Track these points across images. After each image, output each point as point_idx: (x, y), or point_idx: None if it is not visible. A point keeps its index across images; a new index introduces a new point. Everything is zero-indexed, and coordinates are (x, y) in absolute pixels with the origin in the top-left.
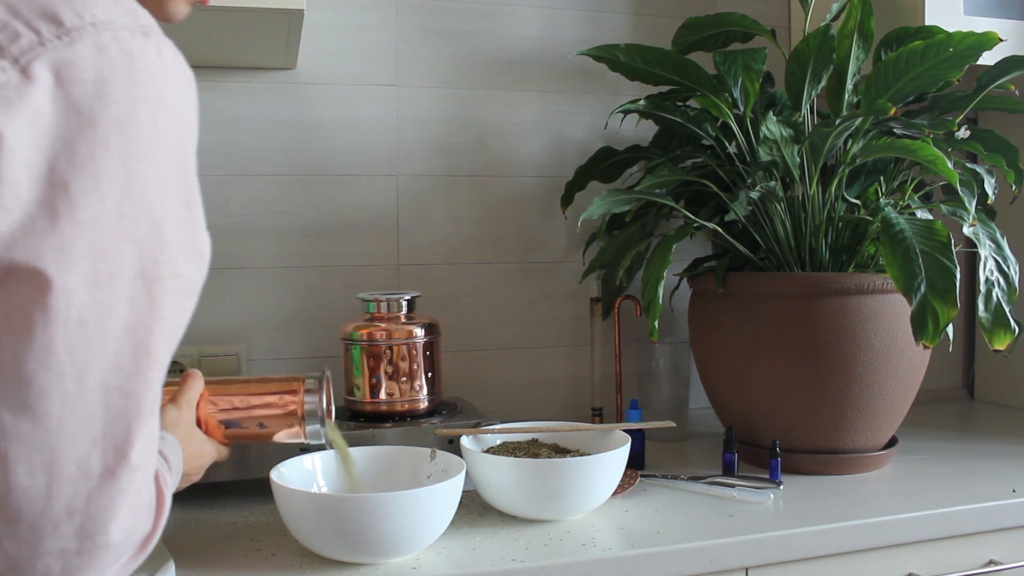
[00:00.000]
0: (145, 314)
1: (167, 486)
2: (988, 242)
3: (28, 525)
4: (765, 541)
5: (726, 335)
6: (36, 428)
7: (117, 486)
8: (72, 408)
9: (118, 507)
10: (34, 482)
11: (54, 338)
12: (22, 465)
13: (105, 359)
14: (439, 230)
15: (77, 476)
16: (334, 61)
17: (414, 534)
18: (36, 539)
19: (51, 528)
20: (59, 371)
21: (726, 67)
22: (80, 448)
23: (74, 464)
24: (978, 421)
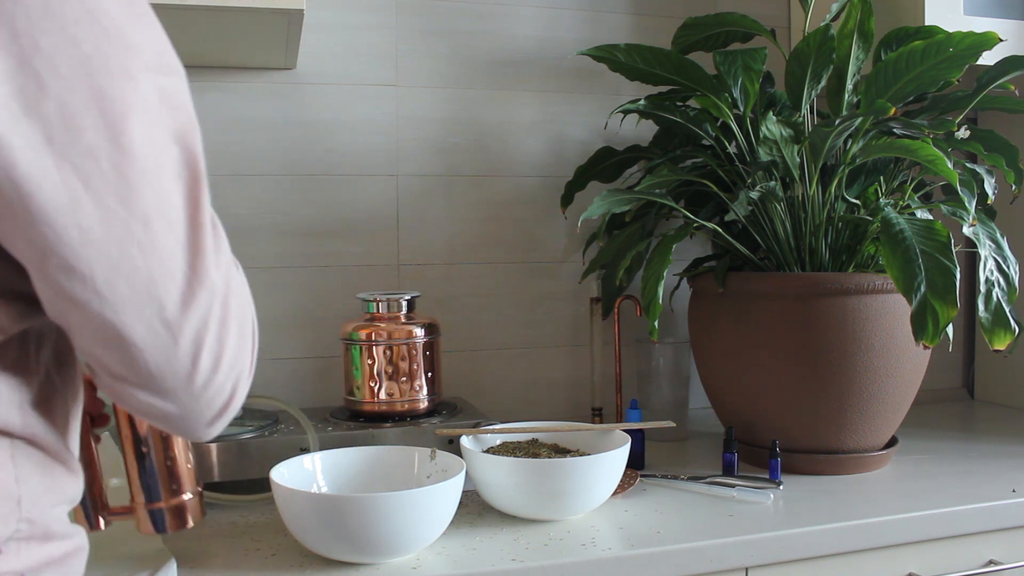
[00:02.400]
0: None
1: None
2: (988, 242)
3: (172, 373)
4: (765, 541)
5: (726, 335)
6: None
7: (212, 302)
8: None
9: (222, 317)
10: (150, 334)
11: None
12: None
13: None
14: (439, 230)
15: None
16: (334, 61)
17: (414, 534)
18: (185, 381)
19: (190, 366)
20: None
21: (726, 67)
22: (171, 286)
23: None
24: (978, 421)
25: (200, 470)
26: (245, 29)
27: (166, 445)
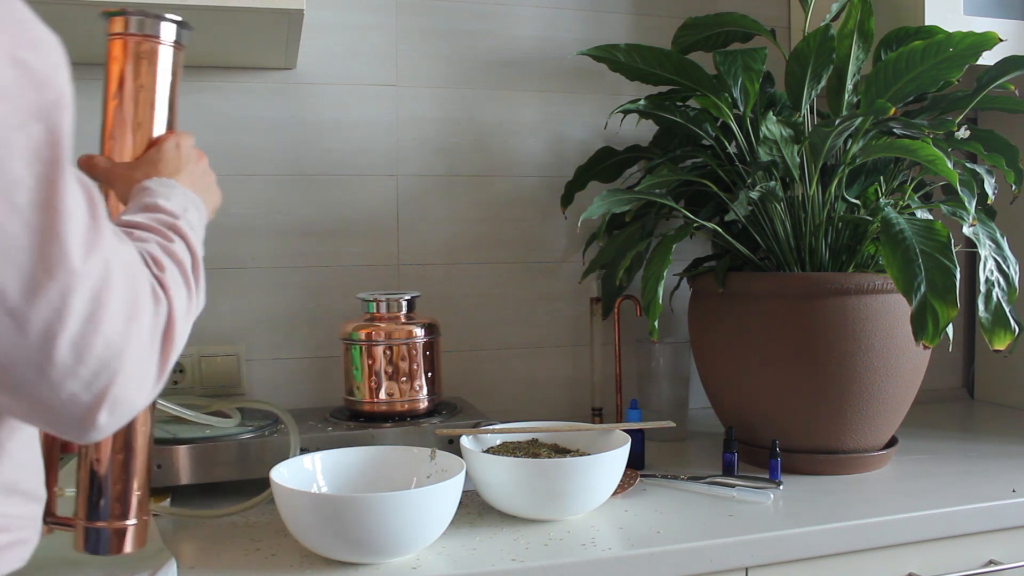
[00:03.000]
0: None
1: (170, 251)
2: (988, 242)
3: (22, 365)
4: (765, 541)
5: (726, 335)
6: None
7: (70, 293)
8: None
9: (90, 311)
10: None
11: None
12: None
13: None
14: (439, 230)
15: (22, 297)
16: (334, 61)
17: (414, 534)
18: (37, 374)
19: (41, 358)
20: None
21: (726, 67)
22: (13, 273)
23: (16, 291)
24: (978, 421)
25: (200, 471)
26: (245, 29)
27: (124, 466)
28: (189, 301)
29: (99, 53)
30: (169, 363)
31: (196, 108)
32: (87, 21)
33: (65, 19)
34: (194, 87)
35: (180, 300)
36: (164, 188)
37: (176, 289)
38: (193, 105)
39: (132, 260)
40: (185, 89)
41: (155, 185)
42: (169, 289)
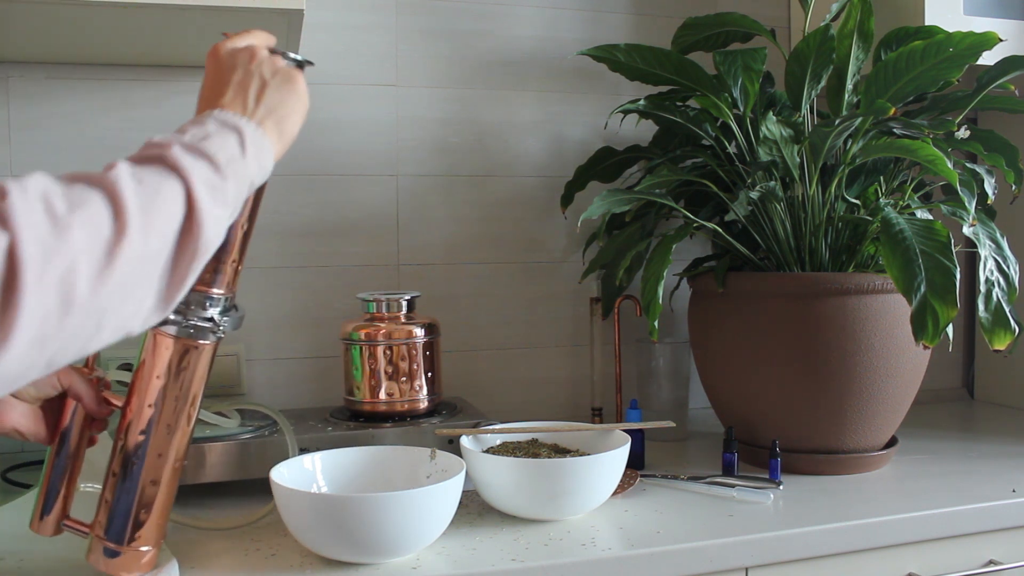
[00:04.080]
0: None
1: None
2: (988, 242)
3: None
4: (765, 541)
5: (726, 335)
6: None
7: None
8: None
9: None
10: None
11: None
12: None
13: None
14: (439, 230)
15: None
16: (334, 61)
17: (414, 534)
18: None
19: None
20: None
21: (726, 67)
22: None
23: None
24: (978, 421)
25: (200, 471)
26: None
27: (153, 498)
28: (94, 240)
29: (99, 53)
30: (21, 316)
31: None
32: (121, 21)
33: (65, 19)
34: (194, 87)
35: (40, 235)
36: (192, 122)
37: (32, 221)
38: (193, 105)
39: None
40: (185, 89)
41: (186, 123)
42: (13, 218)
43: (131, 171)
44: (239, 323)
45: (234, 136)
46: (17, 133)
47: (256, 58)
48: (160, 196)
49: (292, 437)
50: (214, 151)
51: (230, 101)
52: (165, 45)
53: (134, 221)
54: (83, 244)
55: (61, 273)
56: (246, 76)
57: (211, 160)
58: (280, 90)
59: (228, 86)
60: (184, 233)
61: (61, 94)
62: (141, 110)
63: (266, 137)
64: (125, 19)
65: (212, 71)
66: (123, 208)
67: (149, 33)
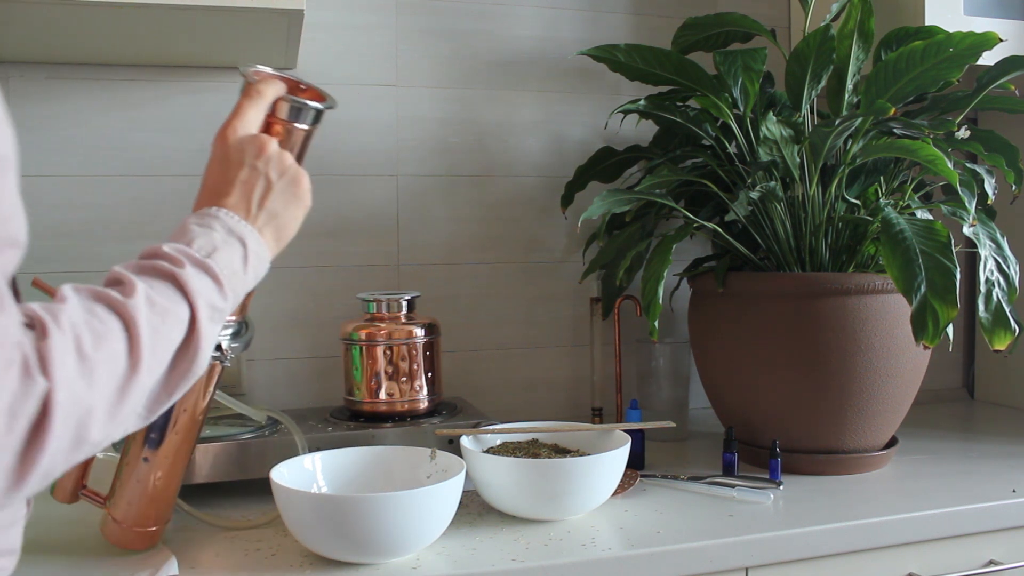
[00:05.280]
0: None
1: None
2: (988, 242)
3: None
4: (765, 541)
5: (726, 335)
6: None
7: None
8: None
9: None
10: None
11: None
12: None
13: None
14: (439, 230)
15: None
16: (334, 61)
17: (414, 534)
18: None
19: None
20: None
21: (726, 67)
22: None
23: None
24: (978, 421)
25: (200, 471)
26: (245, 29)
27: (163, 484)
28: (112, 379)
29: (99, 53)
30: (41, 462)
31: (196, 108)
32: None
33: (65, 19)
34: (194, 87)
35: (74, 380)
36: (198, 224)
37: (67, 364)
38: (193, 105)
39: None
40: (185, 89)
41: (191, 221)
42: (51, 364)
43: (146, 295)
44: (249, 343)
45: (239, 249)
46: (17, 133)
47: (264, 154)
48: (167, 323)
49: (301, 437)
50: (220, 268)
51: (235, 203)
52: (165, 45)
53: (145, 356)
54: (102, 386)
55: (81, 417)
56: (252, 175)
57: (216, 279)
58: (284, 195)
59: (234, 185)
60: (180, 354)
61: (61, 94)
62: (141, 110)
63: (264, 247)
64: (125, 19)
65: (219, 160)
66: (138, 342)
67: (149, 33)
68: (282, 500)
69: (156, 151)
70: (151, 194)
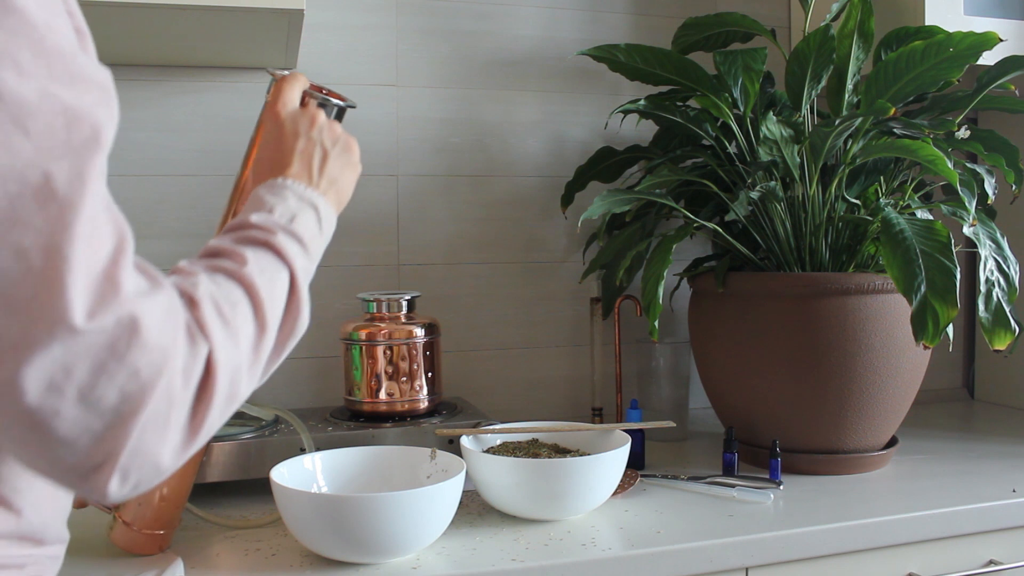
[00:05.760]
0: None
1: (257, 266)
2: (988, 242)
3: (20, 426)
4: (765, 541)
5: (726, 335)
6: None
7: (71, 354)
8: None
9: (100, 364)
10: None
11: None
12: None
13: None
14: (439, 230)
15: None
16: (334, 61)
17: (414, 534)
18: (36, 436)
19: (37, 421)
20: None
21: (726, 67)
22: (12, 324)
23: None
24: (978, 421)
25: (201, 471)
26: (245, 29)
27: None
28: (248, 340)
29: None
30: (208, 418)
31: (196, 108)
32: (121, 21)
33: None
34: (194, 87)
35: (225, 342)
36: (272, 194)
37: (218, 327)
38: (193, 105)
39: (168, 308)
40: (185, 89)
41: (263, 192)
42: (208, 328)
43: (258, 264)
44: None
45: (313, 214)
46: None
47: (316, 124)
48: (277, 287)
49: (308, 436)
50: (302, 232)
51: (297, 172)
52: (165, 45)
53: (269, 317)
54: (243, 346)
55: (233, 375)
56: (309, 145)
57: (302, 242)
58: (339, 159)
59: (293, 154)
60: (287, 315)
61: None
62: (141, 110)
63: (331, 207)
64: (125, 19)
65: (274, 134)
66: (261, 306)
67: (149, 33)
68: (282, 500)
69: (156, 151)
70: (151, 194)
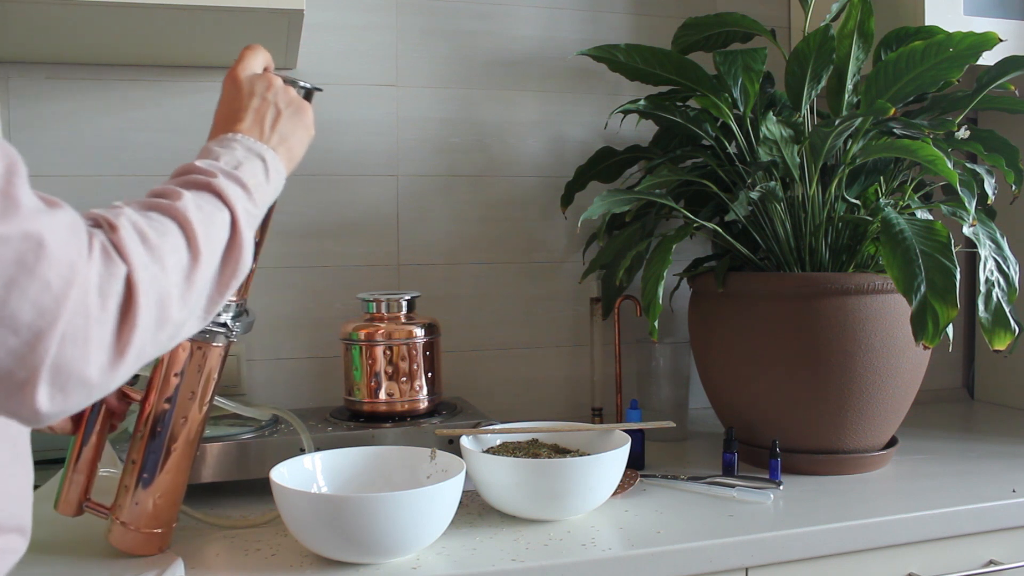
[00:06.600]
0: None
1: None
2: (988, 242)
3: None
4: (765, 541)
5: (726, 335)
6: None
7: None
8: None
9: (10, 278)
10: None
11: None
12: None
13: None
14: (439, 230)
15: None
16: (334, 61)
17: (414, 534)
18: None
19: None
20: None
21: (726, 67)
22: None
23: None
24: (978, 421)
25: (201, 471)
26: (245, 29)
27: (169, 483)
28: (179, 268)
29: (99, 53)
30: (135, 338)
31: (196, 108)
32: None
33: (65, 19)
34: (194, 87)
35: (149, 265)
36: (220, 145)
37: (139, 251)
38: (193, 105)
39: (70, 224)
40: (185, 89)
41: (212, 144)
42: (126, 250)
43: (194, 201)
44: (249, 327)
45: (260, 163)
46: (17, 133)
47: (272, 87)
48: (215, 224)
49: (307, 436)
50: (247, 178)
51: (248, 127)
52: (165, 45)
53: (204, 249)
54: (171, 272)
55: (160, 296)
56: (263, 104)
57: (245, 188)
58: (292, 120)
59: (246, 111)
60: (227, 255)
61: (61, 94)
62: (141, 110)
63: (280, 162)
64: (125, 19)
65: (231, 93)
66: (195, 237)
67: (149, 33)
68: (282, 500)
69: (156, 151)
70: None
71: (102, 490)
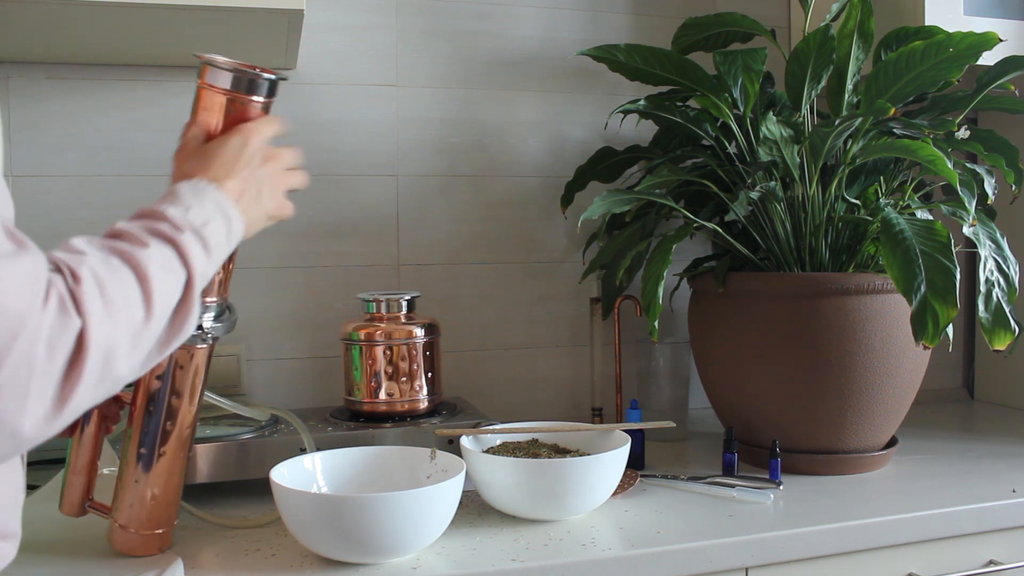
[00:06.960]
0: None
1: (148, 254)
2: (988, 242)
3: None
4: (765, 541)
5: (726, 335)
6: None
7: None
8: None
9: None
10: None
11: None
12: None
13: None
14: (439, 230)
15: None
16: (334, 61)
17: (414, 534)
18: None
19: None
20: None
21: (726, 67)
22: None
23: None
24: (978, 421)
25: (200, 471)
26: (245, 29)
27: (165, 485)
28: (131, 324)
29: (99, 53)
30: (76, 393)
31: None
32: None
33: (65, 19)
34: (194, 87)
35: (103, 320)
36: (193, 194)
37: (97, 306)
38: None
39: (30, 273)
40: (185, 89)
41: (185, 189)
42: (84, 304)
43: (158, 254)
44: (232, 326)
45: (224, 224)
46: (17, 133)
47: (267, 164)
48: (170, 283)
49: (308, 436)
50: (210, 237)
51: (230, 187)
52: (165, 45)
53: (157, 307)
54: (123, 328)
55: (107, 352)
56: (252, 176)
57: (207, 247)
58: (268, 200)
59: (237, 171)
60: (176, 314)
61: (61, 94)
62: (141, 110)
63: (241, 224)
64: (125, 19)
65: (234, 143)
66: (151, 294)
67: (149, 33)
68: (282, 500)
69: (156, 151)
70: (151, 194)
71: (107, 489)
